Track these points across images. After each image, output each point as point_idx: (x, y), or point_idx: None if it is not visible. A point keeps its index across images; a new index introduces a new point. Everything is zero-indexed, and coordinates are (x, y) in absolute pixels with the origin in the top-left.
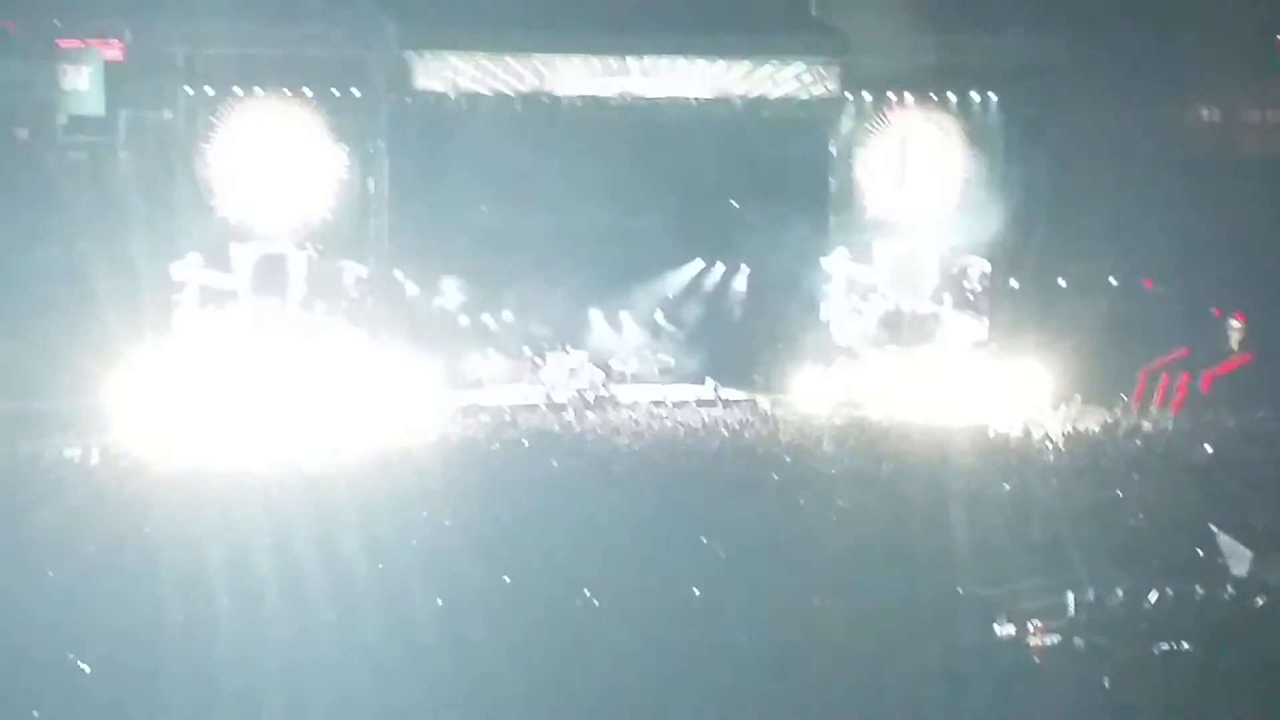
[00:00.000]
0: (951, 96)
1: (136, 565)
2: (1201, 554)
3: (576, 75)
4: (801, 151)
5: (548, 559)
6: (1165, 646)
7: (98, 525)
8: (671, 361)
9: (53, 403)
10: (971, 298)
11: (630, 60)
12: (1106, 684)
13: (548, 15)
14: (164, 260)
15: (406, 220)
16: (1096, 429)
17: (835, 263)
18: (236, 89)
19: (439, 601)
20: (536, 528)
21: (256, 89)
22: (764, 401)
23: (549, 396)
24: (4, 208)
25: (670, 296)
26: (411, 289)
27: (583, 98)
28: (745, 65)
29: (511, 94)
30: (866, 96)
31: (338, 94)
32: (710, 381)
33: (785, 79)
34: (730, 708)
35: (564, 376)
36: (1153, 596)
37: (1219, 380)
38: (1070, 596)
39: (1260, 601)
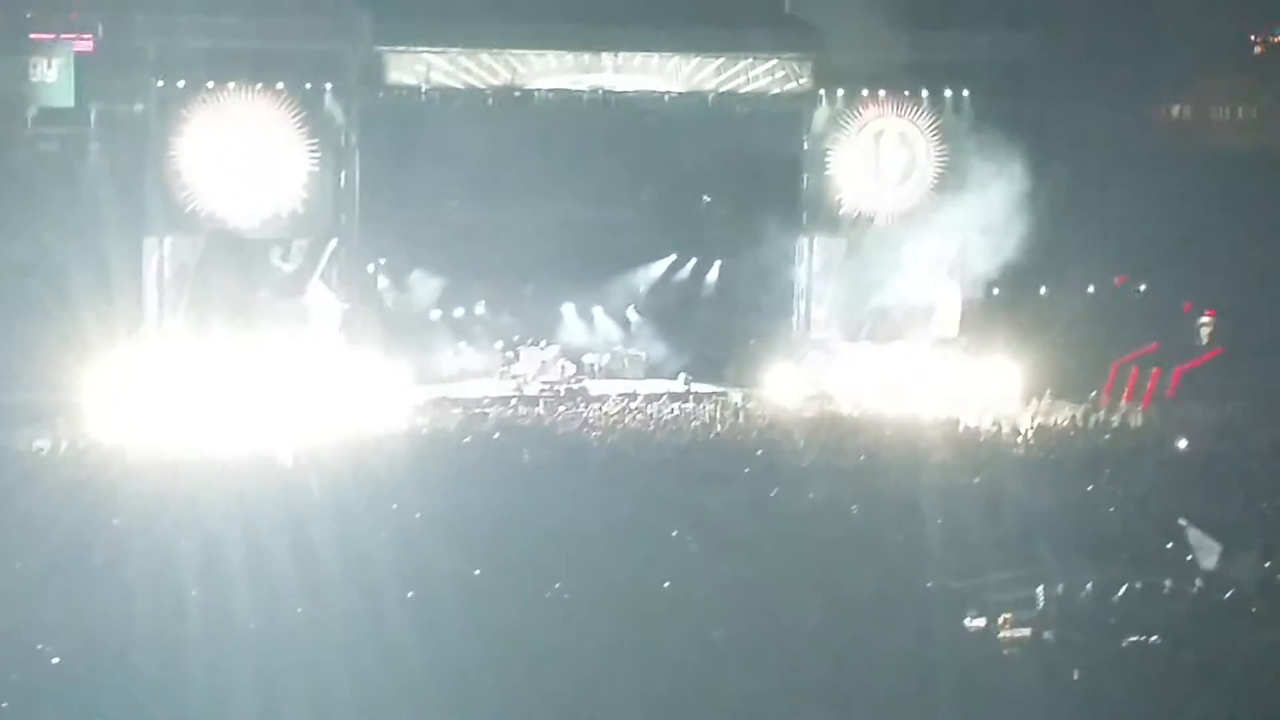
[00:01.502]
0: (925, 92)
1: (106, 557)
2: (1171, 547)
3: (549, 70)
4: (775, 147)
5: (519, 552)
6: (1134, 639)
7: (67, 517)
8: (644, 355)
9: (22, 395)
10: (943, 292)
11: (604, 55)
12: (1076, 676)
13: (521, 10)
14: (134, 253)
15: (379, 214)
16: (1067, 423)
17: (807, 257)
18: (208, 82)
19: (409, 594)
20: (508, 520)
21: (228, 82)
22: (736, 395)
23: (521, 390)
24: None
25: (643, 290)
26: (384, 283)
27: (555, 92)
28: (719, 60)
29: (484, 88)
30: (840, 92)
31: (310, 88)
32: (682, 375)
33: (759, 74)
34: (701, 699)
35: (536, 370)
36: (1122, 590)
37: (1190, 374)
38: (1040, 590)
39: (1228, 595)
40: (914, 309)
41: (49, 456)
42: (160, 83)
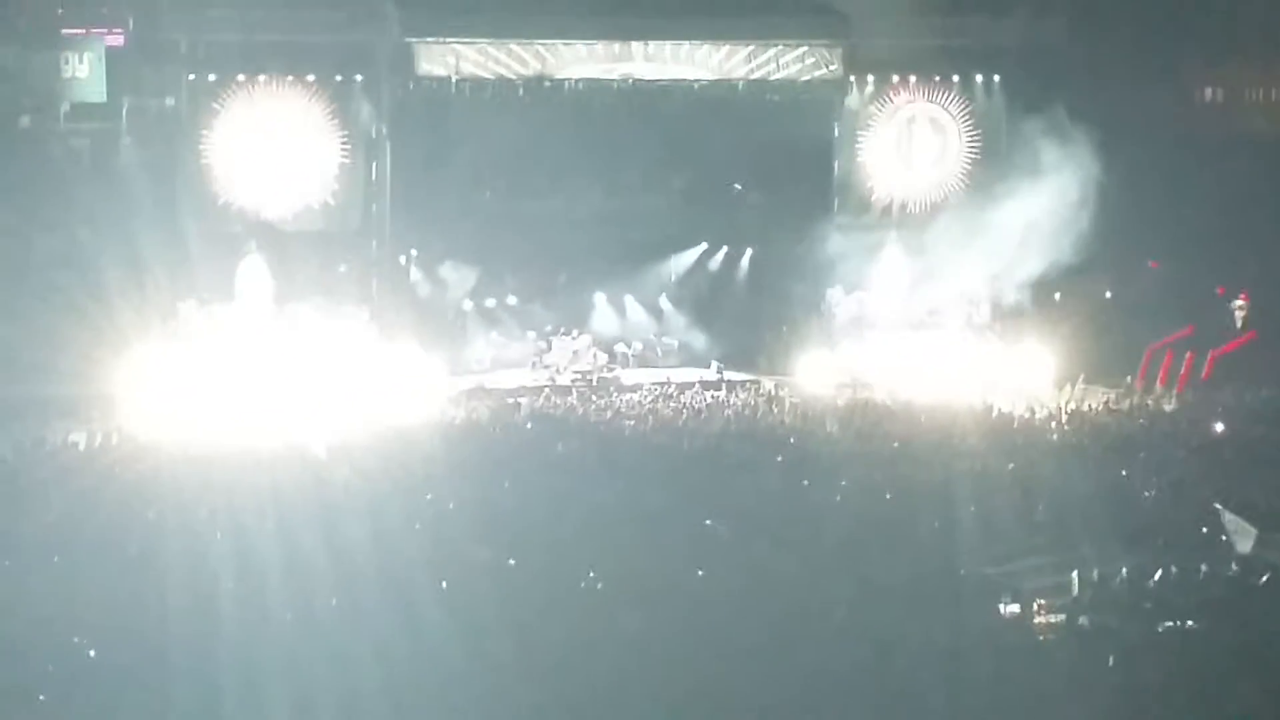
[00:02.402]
0: (955, 78)
1: (142, 549)
2: (1206, 532)
3: (580, 59)
4: (806, 134)
5: (553, 541)
6: (1169, 624)
7: (102, 511)
8: (676, 344)
9: (57, 389)
10: (976, 278)
11: (634, 44)
12: (1111, 662)
13: (549, 0)
14: (167, 245)
15: (410, 205)
16: (1101, 408)
17: (839, 244)
18: (239, 75)
19: (444, 583)
20: (541, 510)
21: (259, 75)
22: (768, 383)
23: (554, 380)
24: (7, 195)
25: (675, 279)
26: (416, 274)
27: (586, 82)
28: (749, 48)
29: (514, 79)
30: (870, 78)
31: (340, 80)
32: (715, 364)
33: (789, 61)
34: (735, 686)
35: (569, 360)
36: (1157, 574)
37: (1223, 359)
38: (1075, 575)
39: (1264, 578)
40: (946, 295)
41: (84, 450)
42: (191, 76)
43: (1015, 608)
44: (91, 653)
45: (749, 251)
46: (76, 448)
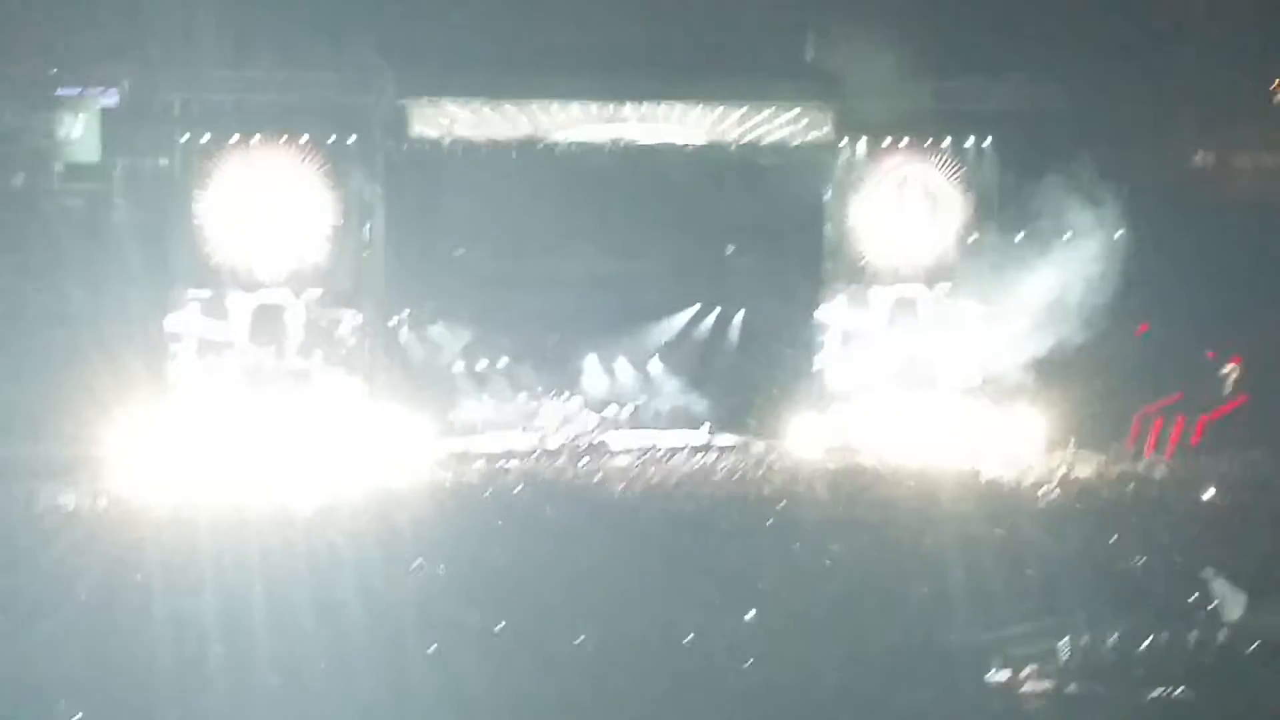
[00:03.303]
0: (948, 141)
1: (129, 612)
2: (1196, 599)
3: (572, 121)
4: (797, 196)
5: (542, 606)
6: (1160, 692)
7: (89, 574)
8: (666, 407)
9: (45, 449)
10: (966, 342)
11: (626, 106)
12: None
13: (543, 62)
14: (159, 307)
15: (402, 267)
16: (1091, 473)
17: (830, 308)
18: (233, 136)
19: (432, 648)
20: (531, 575)
21: (253, 135)
22: (759, 446)
23: (544, 442)
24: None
25: (665, 342)
26: (406, 335)
27: (578, 143)
28: (740, 110)
29: (507, 140)
30: (862, 141)
31: (334, 141)
32: (705, 426)
33: (781, 124)
34: None
35: (559, 423)
36: (1146, 641)
37: (1213, 424)
38: (1064, 642)
39: (1255, 646)
40: (937, 359)
41: (73, 511)
42: (185, 137)
43: (1004, 674)
44: (78, 717)
45: (740, 314)
46: (64, 509)
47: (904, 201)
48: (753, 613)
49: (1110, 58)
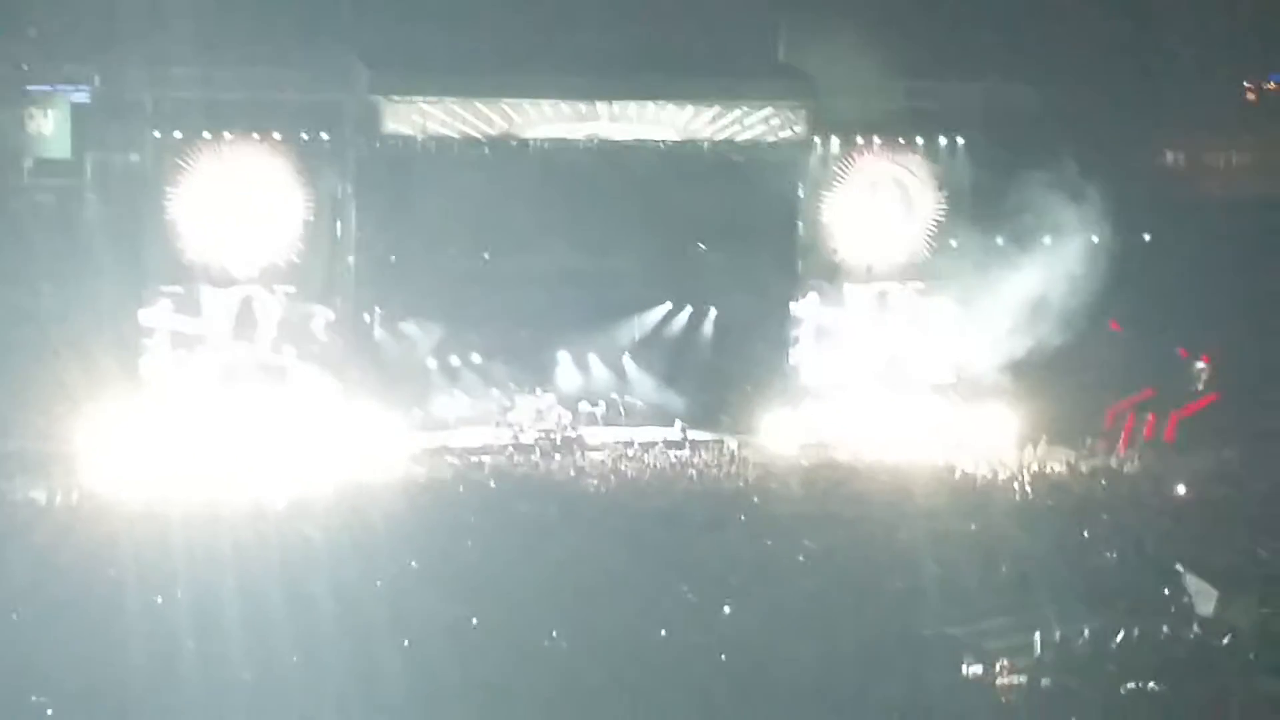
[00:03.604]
0: (919, 141)
1: (101, 606)
2: (1167, 593)
3: (545, 119)
4: (770, 194)
5: (515, 600)
6: (1131, 685)
7: (61, 567)
8: (639, 403)
9: (17, 444)
10: (938, 339)
11: (599, 104)
12: None
13: (516, 60)
14: (131, 303)
15: (375, 263)
16: (1063, 469)
17: (803, 305)
18: (205, 133)
19: (405, 641)
20: (503, 568)
21: (225, 133)
22: (732, 443)
23: (517, 438)
24: None
25: (639, 338)
26: (379, 331)
27: (551, 141)
28: (714, 109)
29: (480, 138)
30: (835, 140)
31: (306, 138)
32: (678, 423)
33: (753, 123)
34: None
35: (532, 418)
36: (1119, 636)
37: (1185, 421)
38: (1037, 636)
39: (1226, 640)
40: (909, 356)
41: (44, 506)
42: (157, 134)
43: (978, 668)
44: (49, 711)
45: (713, 311)
46: (37, 504)
47: (876, 200)
48: (727, 608)
49: (1082, 59)
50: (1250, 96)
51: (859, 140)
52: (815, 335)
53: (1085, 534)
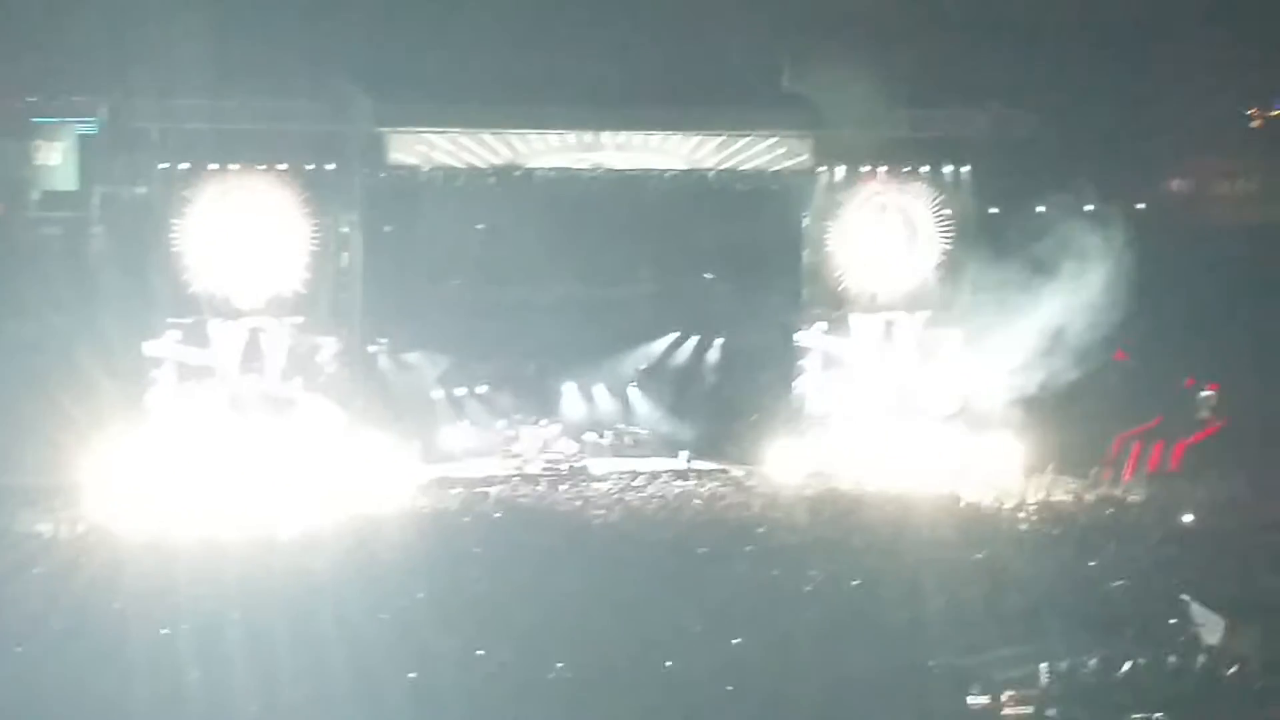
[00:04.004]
0: (925, 169)
1: (107, 640)
2: (1174, 623)
3: (550, 149)
4: (776, 223)
5: (521, 631)
6: (1138, 715)
7: (66, 601)
8: (645, 433)
9: (23, 478)
10: (944, 369)
11: (604, 134)
12: None
13: (521, 90)
14: (137, 335)
15: (381, 294)
16: (1069, 498)
17: (808, 334)
18: (211, 163)
19: (412, 675)
20: (509, 600)
21: (231, 163)
22: (738, 472)
23: (522, 469)
24: None
25: (644, 368)
26: (385, 362)
27: (556, 171)
28: (718, 138)
29: (485, 168)
30: (840, 169)
31: (312, 168)
32: (684, 453)
33: (759, 152)
34: None
35: (538, 449)
36: (1126, 666)
37: (1191, 450)
38: (1043, 666)
39: (1233, 670)
40: (916, 385)
41: (50, 540)
42: (163, 165)
43: (984, 699)
44: None
45: (719, 340)
46: (42, 537)
47: (882, 229)
48: (733, 638)
49: (1087, 88)
50: (1257, 124)
51: (865, 169)
52: (821, 364)
53: (1092, 563)
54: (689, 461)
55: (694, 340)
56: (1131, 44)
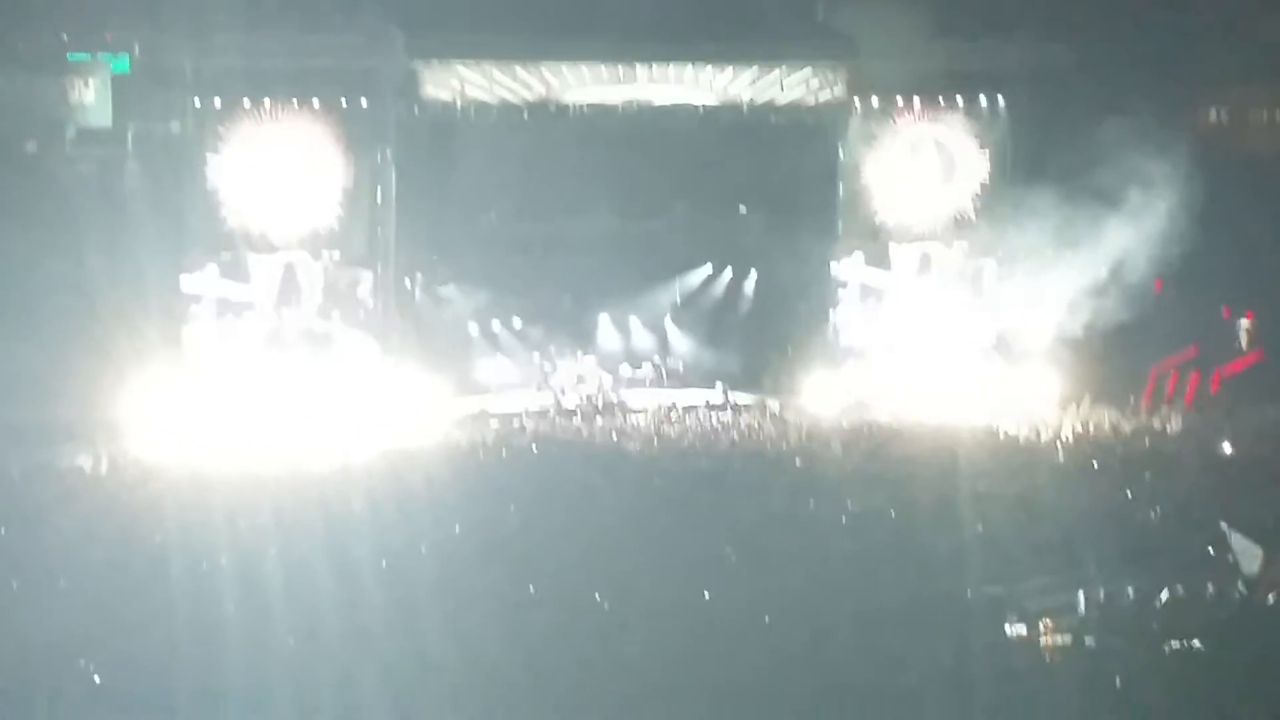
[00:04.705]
0: (960, 100)
1: (147, 573)
2: (1212, 552)
3: (584, 82)
4: (810, 156)
5: (557, 564)
6: (1176, 645)
7: (107, 534)
8: (681, 366)
9: (62, 412)
10: (980, 300)
11: (637, 67)
12: (1118, 683)
13: (554, 23)
14: (173, 271)
15: (415, 229)
16: (1106, 428)
17: (843, 267)
18: (244, 100)
19: (449, 606)
20: (546, 533)
21: (264, 100)
22: (773, 404)
23: (558, 402)
24: (13, 220)
25: (679, 301)
26: (421, 296)
27: (590, 105)
28: (752, 71)
29: (518, 102)
30: (874, 101)
31: (345, 104)
32: (720, 385)
33: (792, 84)
34: (742, 710)
35: (573, 382)
36: (1164, 595)
37: (1229, 379)
38: (1081, 595)
39: (1272, 598)
40: (952, 317)
41: (89, 473)
42: (197, 102)
43: (1021, 628)
44: (97, 678)
45: (754, 273)
46: (82, 471)
47: (917, 161)
48: (770, 570)
49: (1125, 17)
50: None
51: (900, 101)
52: (857, 297)
53: (1129, 493)
54: (726, 394)
55: (729, 273)
56: None
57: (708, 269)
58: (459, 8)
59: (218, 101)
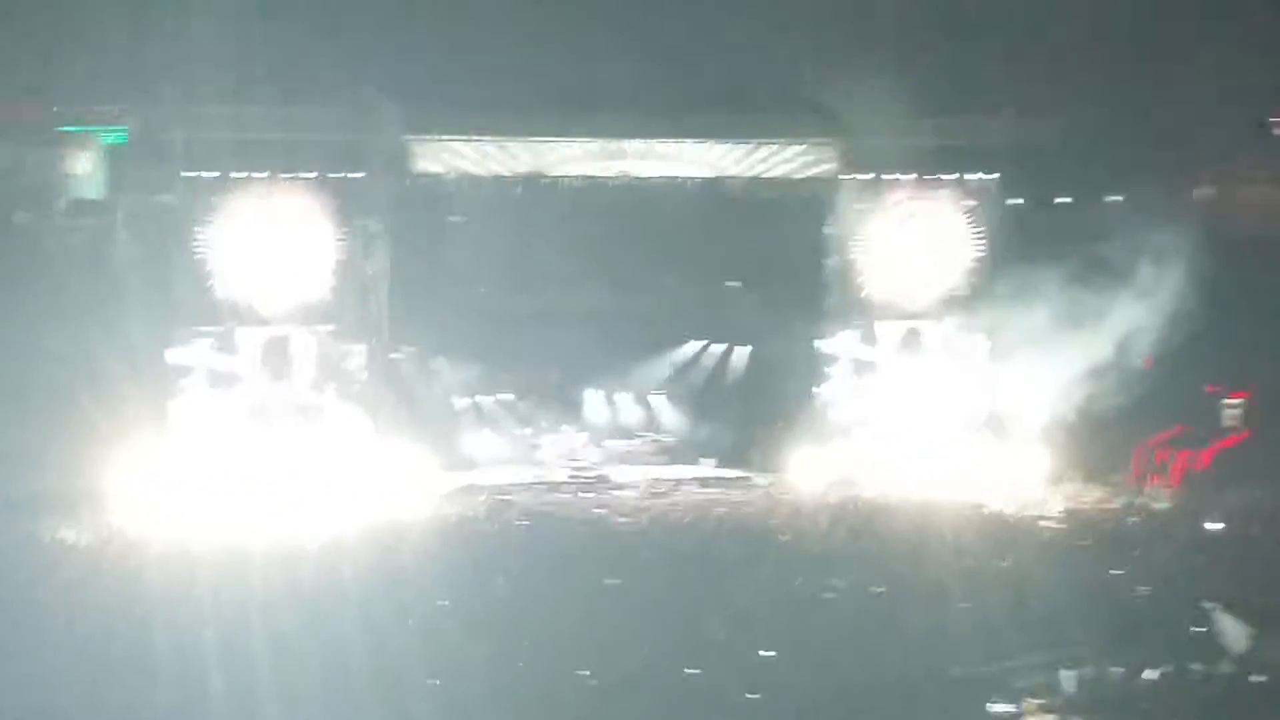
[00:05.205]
0: (950, 177)
1: (131, 647)
2: (1201, 631)
3: (574, 157)
4: (800, 232)
5: (545, 639)
6: None
7: (89, 608)
8: (669, 441)
9: (47, 484)
10: (968, 376)
11: (628, 142)
12: None
13: (546, 99)
14: (162, 343)
15: (406, 302)
16: (1093, 506)
17: (833, 342)
18: (236, 172)
19: (435, 681)
20: (533, 607)
21: (256, 172)
22: (761, 480)
23: (546, 476)
24: (2, 291)
25: (668, 376)
26: (410, 370)
27: (581, 179)
28: (743, 146)
29: (510, 176)
30: (864, 177)
31: (338, 177)
32: (707, 460)
33: (783, 160)
34: None
35: (561, 456)
36: (1150, 674)
37: (1216, 458)
38: (1066, 675)
39: (1259, 679)
40: (940, 393)
41: (73, 546)
42: (188, 174)
43: (1007, 707)
44: None
45: (743, 349)
46: (66, 544)
47: (907, 237)
48: (756, 646)
49: (1112, 93)
50: None
51: (890, 176)
52: (846, 372)
53: (1116, 571)
54: (713, 469)
55: (719, 348)
56: (1159, 47)
57: (697, 344)
58: (451, 82)
59: (209, 174)
